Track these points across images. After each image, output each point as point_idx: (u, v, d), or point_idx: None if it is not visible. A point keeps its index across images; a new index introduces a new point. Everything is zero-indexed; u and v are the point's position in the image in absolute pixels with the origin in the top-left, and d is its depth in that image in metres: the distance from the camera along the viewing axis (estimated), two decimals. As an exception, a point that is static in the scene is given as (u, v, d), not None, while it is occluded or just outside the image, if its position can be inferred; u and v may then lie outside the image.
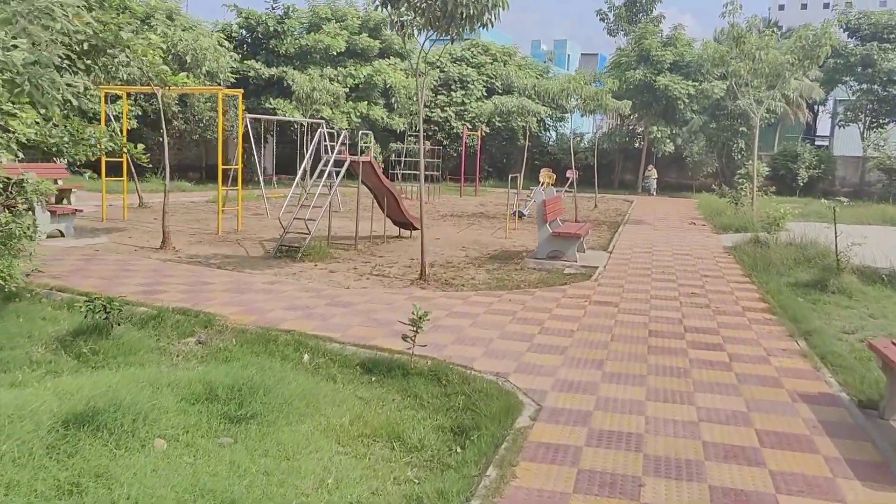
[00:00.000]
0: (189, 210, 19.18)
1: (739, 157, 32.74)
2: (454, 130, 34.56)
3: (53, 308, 7.70)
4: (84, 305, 6.42)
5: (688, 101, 33.02)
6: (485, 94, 35.64)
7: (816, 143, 44.60)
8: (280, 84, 27.73)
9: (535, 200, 12.33)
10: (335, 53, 29.75)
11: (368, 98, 31.14)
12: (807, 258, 11.97)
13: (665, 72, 33.28)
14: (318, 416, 5.13)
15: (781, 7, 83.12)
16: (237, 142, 23.07)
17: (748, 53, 17.31)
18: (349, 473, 4.29)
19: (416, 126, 29.13)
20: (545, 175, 24.06)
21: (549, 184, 22.51)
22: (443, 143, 34.57)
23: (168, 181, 12.31)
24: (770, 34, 17.38)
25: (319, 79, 25.28)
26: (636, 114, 34.99)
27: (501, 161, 37.38)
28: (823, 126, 52.72)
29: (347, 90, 29.19)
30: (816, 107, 44.51)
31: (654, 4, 36.38)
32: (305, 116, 23.67)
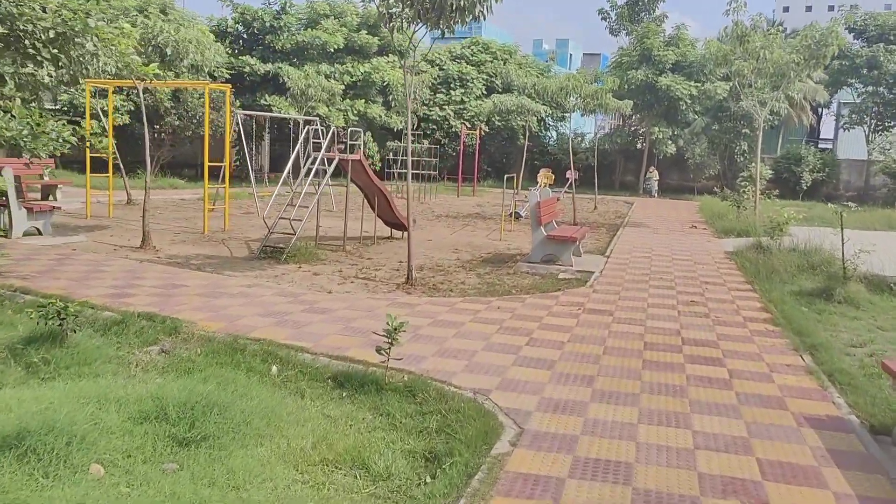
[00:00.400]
0: (179, 208, 18.76)
1: (742, 160, 32.28)
2: (453, 129, 34.09)
3: (14, 312, 7.25)
4: (36, 311, 5.97)
5: (690, 102, 32.55)
6: (484, 93, 35.18)
7: (820, 147, 44.08)
8: (276, 80, 27.26)
9: (530, 202, 11.87)
10: (333, 50, 29.28)
11: (366, 96, 30.67)
12: (811, 265, 11.52)
13: (667, 72, 32.82)
14: (279, 438, 4.68)
15: (786, 9, 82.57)
16: (237, 140, 22.66)
17: (752, 52, 16.84)
18: (304, 507, 3.86)
19: (412, 123, 28.66)
20: (543, 175, 23.61)
21: (547, 185, 22.07)
22: (441, 143, 34.11)
23: (149, 178, 11.86)
24: (775, 32, 16.91)
25: (315, 75, 24.80)
26: (638, 114, 34.55)
27: (501, 161, 36.90)
28: (827, 129, 52.15)
29: (344, 87, 28.72)
30: (820, 109, 43.99)
31: (657, 4, 35.88)
32: (300, 113, 23.22)
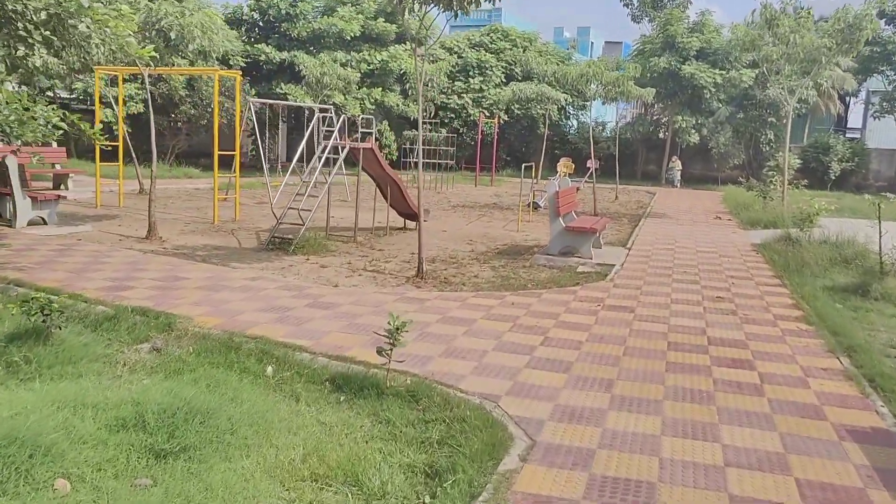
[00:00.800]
0: (192, 197, 18.49)
1: (768, 149, 31.46)
2: (471, 118, 33.58)
3: (4, 305, 6.93)
4: (18, 306, 5.64)
5: (714, 91, 31.70)
6: (503, 81, 34.59)
7: (848, 136, 42.98)
8: (292, 69, 26.91)
9: (549, 192, 11.40)
10: (349, 38, 28.84)
11: (383, 84, 30.23)
12: (844, 258, 10.97)
13: (691, 59, 31.99)
14: (267, 448, 4.30)
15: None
16: (243, 127, 22.36)
17: (782, 37, 16.17)
18: (287, 531, 3.47)
19: (428, 111, 28.22)
20: (563, 165, 23.07)
21: (567, 174, 21.53)
22: (459, 131, 33.63)
23: (156, 167, 11.53)
24: (806, 15, 16.21)
25: (330, 63, 24.39)
26: (660, 103, 33.77)
27: (520, 150, 36.32)
28: (855, 118, 50.92)
29: (361, 76, 28.30)
30: (848, 98, 42.86)
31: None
32: (316, 102, 22.86)
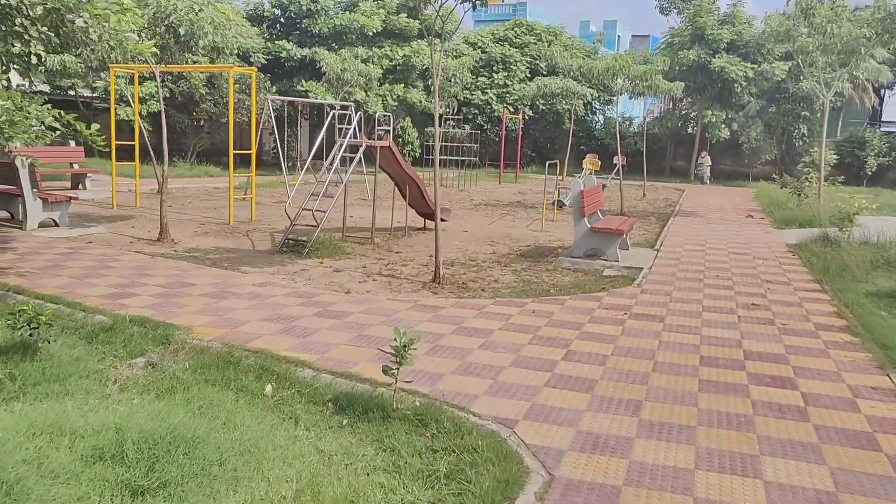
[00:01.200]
0: (210, 197, 18.22)
1: (800, 144, 30.58)
2: (495, 113, 33.08)
3: (11, 313, 6.63)
4: (4, 318, 5.31)
5: (745, 84, 30.88)
6: (528, 76, 34.03)
7: (884, 130, 41.72)
8: (313, 65, 26.61)
9: (573, 191, 10.90)
10: (371, 34, 28.49)
11: (406, 80, 29.84)
12: (887, 261, 10.36)
13: (721, 52, 31.19)
14: (258, 483, 3.90)
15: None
16: (264, 125, 22.09)
17: (818, 27, 15.46)
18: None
19: (451, 107, 27.72)
20: (589, 161, 22.50)
21: (593, 171, 20.97)
22: (483, 127, 33.15)
23: (166, 167, 11.23)
24: (843, 4, 15.49)
25: (351, 59, 24.04)
26: (689, 97, 33.01)
27: (545, 146, 35.74)
28: (890, 111, 49.54)
29: (383, 72, 27.92)
30: (883, 91, 41.61)
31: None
32: (336, 99, 22.52)
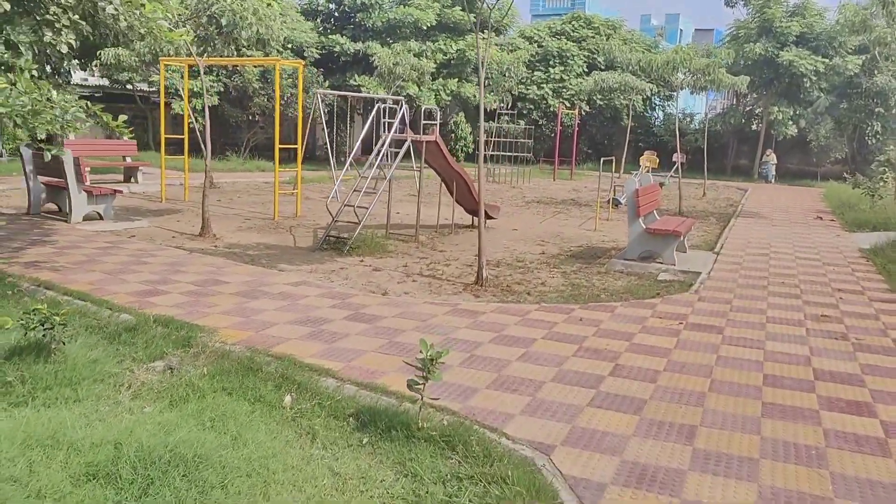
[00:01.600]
0: (260, 191, 18.13)
1: (874, 142, 29.01)
2: (551, 109, 32.39)
3: (26, 312, 6.47)
4: (18, 319, 5.09)
5: (815, 79, 29.46)
6: (585, 70, 33.21)
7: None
8: (366, 60, 26.40)
9: (627, 190, 10.31)
10: (425, 27, 28.14)
11: (460, 75, 29.42)
12: (974, 270, 9.48)
13: (790, 45, 29.83)
14: (261, 510, 3.54)
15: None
16: (316, 120, 21.97)
17: (898, 17, 14.43)
18: None
19: (506, 102, 27.16)
20: (646, 159, 21.71)
21: (650, 168, 20.19)
22: (538, 123, 32.50)
23: (208, 160, 11.06)
24: (928, -8, 14.41)
25: (404, 53, 23.71)
26: (754, 92, 31.68)
27: (602, 142, 34.84)
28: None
29: (437, 66, 27.53)
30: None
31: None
32: (388, 93, 22.24)
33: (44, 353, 5.08)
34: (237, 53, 15.94)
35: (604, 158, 16.94)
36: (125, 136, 6.28)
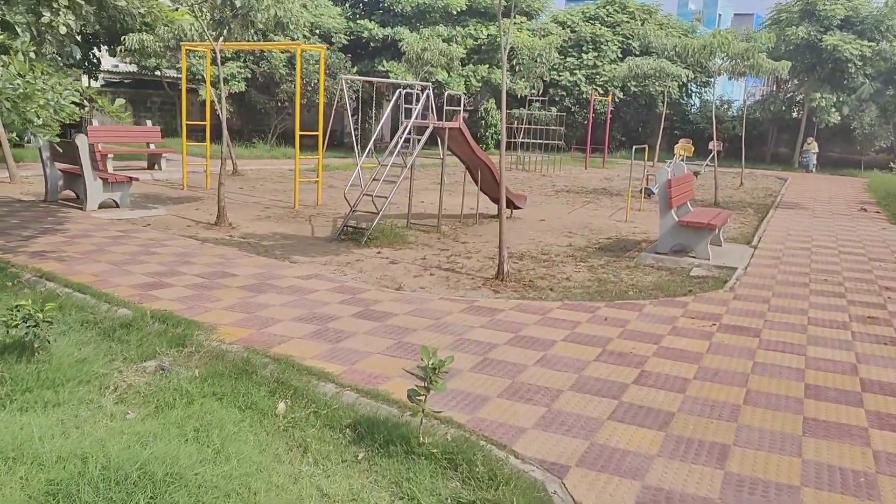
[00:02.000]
0: (283, 179, 17.87)
1: (922, 130, 27.87)
2: (583, 95, 31.64)
3: (8, 308, 6.19)
4: (0, 315, 4.81)
5: (860, 64, 28.30)
6: (619, 56, 32.37)
7: None
8: (395, 46, 25.97)
9: (659, 180, 9.78)
10: (455, 12, 27.58)
11: (490, 61, 28.82)
12: None
13: (834, 29, 28.67)
14: (235, 538, 3.18)
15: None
16: (342, 107, 21.62)
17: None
18: None
19: (537, 88, 26.54)
20: (682, 147, 21.00)
21: (684, 156, 19.49)
22: (570, 110, 31.80)
23: (225, 147, 10.76)
24: None
25: (433, 38, 23.22)
26: (796, 78, 30.57)
27: (636, 130, 34.01)
28: None
29: (467, 52, 26.98)
30: None
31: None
32: (416, 79, 21.80)
33: (27, 353, 4.79)
34: (263, 38, 15.63)
35: (636, 146, 16.34)
36: (123, 121, 5.95)
